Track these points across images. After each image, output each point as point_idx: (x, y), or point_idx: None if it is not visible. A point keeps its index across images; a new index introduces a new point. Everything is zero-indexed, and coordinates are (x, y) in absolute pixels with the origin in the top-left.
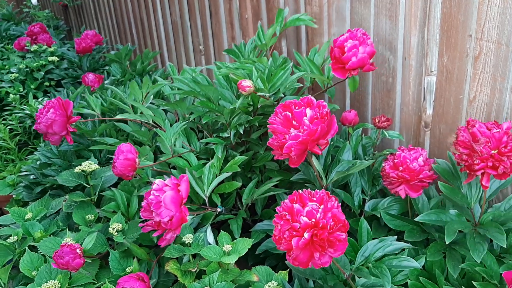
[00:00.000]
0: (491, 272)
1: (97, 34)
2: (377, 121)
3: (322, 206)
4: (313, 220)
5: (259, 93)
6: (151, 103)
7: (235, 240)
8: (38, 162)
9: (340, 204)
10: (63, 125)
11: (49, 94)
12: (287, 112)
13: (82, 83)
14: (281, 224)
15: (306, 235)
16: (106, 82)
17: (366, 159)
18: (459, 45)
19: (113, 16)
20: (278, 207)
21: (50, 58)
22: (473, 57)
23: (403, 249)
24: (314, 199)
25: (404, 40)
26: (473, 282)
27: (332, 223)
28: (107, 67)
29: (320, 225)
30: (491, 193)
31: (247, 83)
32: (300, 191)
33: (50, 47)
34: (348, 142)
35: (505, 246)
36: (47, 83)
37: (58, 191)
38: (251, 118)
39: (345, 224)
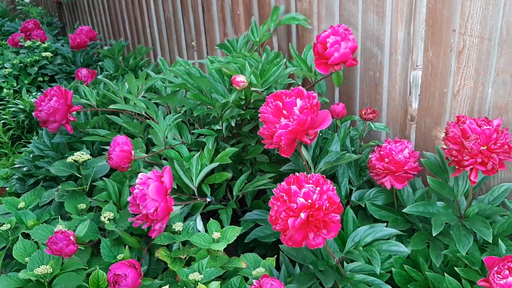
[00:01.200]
0: (472, 259)
1: (91, 30)
2: (363, 113)
3: (318, 188)
4: (310, 201)
5: (252, 89)
6: (143, 96)
7: (224, 228)
8: (31, 155)
9: (335, 187)
10: (64, 113)
11: (42, 89)
12: (278, 101)
13: (76, 78)
14: (278, 205)
15: (302, 215)
16: (99, 77)
17: (353, 149)
18: (443, 40)
19: (107, 13)
20: (274, 189)
21: (43, 54)
22: (457, 51)
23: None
24: (311, 181)
25: (391, 36)
26: (455, 268)
27: (327, 205)
28: (100, 63)
29: (316, 206)
30: (475, 185)
31: (241, 78)
32: (297, 173)
33: (44, 43)
34: (336, 134)
35: (490, 241)
36: (40, 78)
37: (50, 183)
38: (243, 111)
39: (339, 206)
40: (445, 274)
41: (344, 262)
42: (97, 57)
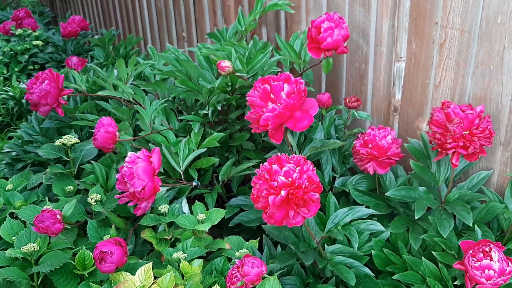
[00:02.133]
0: (449, 244)
1: (83, 19)
2: (347, 101)
3: (298, 168)
4: (290, 179)
5: (237, 74)
6: (131, 83)
7: (209, 210)
8: (20, 140)
9: (315, 168)
10: (56, 96)
11: (32, 77)
12: (266, 85)
13: (66, 66)
14: (260, 184)
15: (282, 192)
16: (89, 64)
17: (337, 136)
18: (426, 33)
19: (99, 2)
20: (257, 169)
21: (34, 42)
22: (439, 44)
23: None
24: (292, 161)
25: (376, 28)
26: (432, 252)
27: (307, 183)
28: (91, 52)
29: (296, 184)
30: (456, 173)
31: (226, 63)
32: (279, 154)
33: (35, 31)
34: (320, 122)
35: (471, 225)
36: (31, 67)
37: (38, 168)
38: (229, 97)
39: (318, 186)
40: (422, 258)
41: (325, 244)
42: (88, 46)
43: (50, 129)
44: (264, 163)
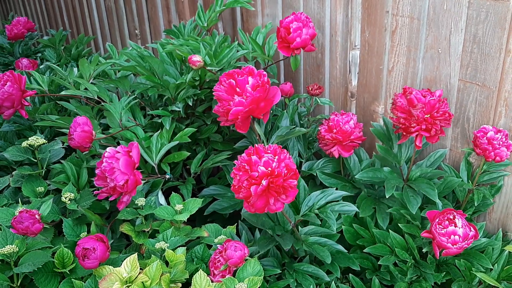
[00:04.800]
0: (414, 215)
1: (29, 20)
2: (310, 89)
3: (276, 157)
4: (270, 169)
5: (208, 68)
6: (92, 83)
7: (185, 200)
8: None
9: (291, 156)
10: (19, 99)
11: None
12: (231, 80)
13: (16, 68)
14: (240, 175)
15: (264, 182)
16: (42, 66)
17: (301, 123)
18: (378, 21)
19: (42, 3)
20: (236, 161)
21: None
22: (391, 31)
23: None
24: (269, 151)
25: (331, 18)
26: (399, 224)
27: (285, 171)
28: (39, 54)
29: (276, 173)
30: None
31: (197, 58)
32: (256, 145)
33: None
34: (285, 111)
35: (436, 201)
36: None
37: (0, 173)
38: (199, 91)
39: (296, 173)
40: (389, 230)
41: (299, 226)
42: (35, 48)
43: (9, 132)
44: (242, 155)
